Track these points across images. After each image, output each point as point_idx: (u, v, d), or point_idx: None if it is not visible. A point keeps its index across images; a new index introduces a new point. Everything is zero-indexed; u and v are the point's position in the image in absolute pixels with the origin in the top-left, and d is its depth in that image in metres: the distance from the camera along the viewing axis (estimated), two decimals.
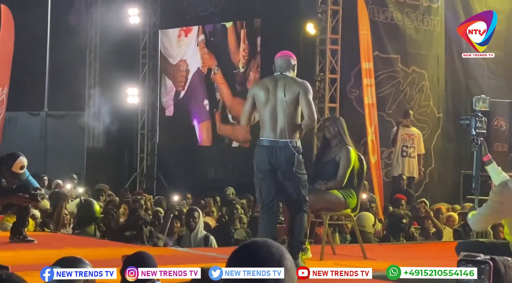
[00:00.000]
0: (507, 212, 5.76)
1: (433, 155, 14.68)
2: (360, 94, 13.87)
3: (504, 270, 2.56)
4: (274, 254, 2.18)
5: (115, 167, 17.27)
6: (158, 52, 17.41)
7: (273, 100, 6.89)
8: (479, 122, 6.94)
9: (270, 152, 6.83)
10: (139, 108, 17.25)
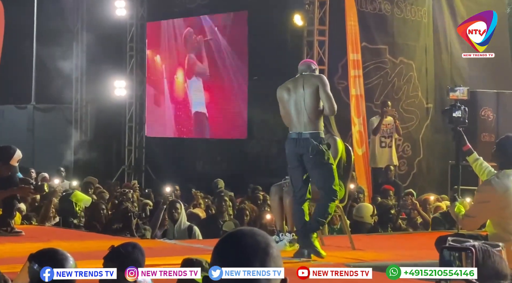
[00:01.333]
0: (493, 209, 5.77)
1: (421, 146, 14.71)
2: (348, 85, 13.87)
3: (482, 260, 2.55)
4: (260, 242, 2.18)
5: (103, 159, 17.23)
6: (145, 45, 17.36)
7: (295, 96, 7.30)
8: (459, 112, 6.95)
9: (296, 144, 7.14)
10: (127, 101, 17.20)
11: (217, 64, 16.53)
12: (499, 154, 5.93)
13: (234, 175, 14.58)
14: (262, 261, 2.16)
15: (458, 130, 6.70)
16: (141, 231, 9.21)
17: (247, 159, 15.50)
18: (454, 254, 2.14)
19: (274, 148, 15.29)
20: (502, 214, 5.78)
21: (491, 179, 5.85)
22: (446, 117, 7.09)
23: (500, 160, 5.92)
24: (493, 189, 5.75)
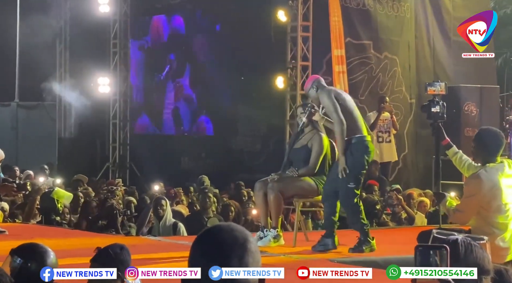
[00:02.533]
0: (480, 202, 5.79)
1: (406, 141, 14.75)
2: (332, 81, 13.88)
3: (464, 254, 2.55)
4: (238, 237, 2.17)
5: (87, 157, 17.17)
6: (129, 41, 17.29)
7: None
8: (438, 107, 6.97)
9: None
10: (111, 97, 17.13)
11: (201, 60, 16.50)
12: (480, 149, 5.93)
13: (219, 171, 14.57)
14: (240, 256, 2.16)
15: (437, 125, 6.72)
16: (126, 228, 9.20)
17: (232, 155, 15.50)
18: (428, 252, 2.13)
19: (258, 144, 15.30)
20: (488, 208, 5.81)
21: (480, 172, 5.85)
22: (425, 113, 7.10)
23: (482, 154, 5.92)
24: (481, 182, 5.77)
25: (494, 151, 5.84)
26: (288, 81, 13.89)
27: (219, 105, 16.27)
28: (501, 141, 5.92)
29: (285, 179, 7.77)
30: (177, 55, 17.06)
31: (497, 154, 5.86)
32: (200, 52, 16.56)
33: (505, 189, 5.81)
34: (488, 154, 5.86)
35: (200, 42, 16.71)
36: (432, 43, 15.05)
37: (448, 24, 15.22)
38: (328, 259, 6.94)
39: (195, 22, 16.64)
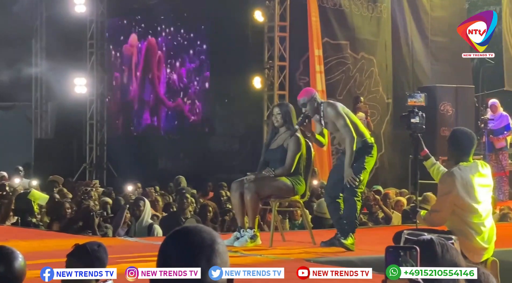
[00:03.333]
0: (455, 199, 5.81)
1: (383, 141, 14.80)
2: (310, 81, 13.91)
3: (441, 253, 2.56)
4: (206, 238, 2.16)
5: (64, 157, 17.07)
6: (105, 42, 17.22)
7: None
8: (417, 118, 7.01)
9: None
10: (88, 98, 17.05)
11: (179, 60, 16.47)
12: (453, 149, 5.99)
13: (196, 172, 14.53)
14: (208, 257, 2.15)
15: (416, 136, 6.76)
16: (102, 230, 9.15)
17: (209, 156, 15.47)
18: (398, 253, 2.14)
19: (235, 144, 15.30)
20: (463, 207, 5.83)
21: (453, 170, 5.89)
22: (404, 123, 7.15)
23: (455, 154, 5.97)
24: (455, 179, 5.80)
25: (466, 150, 5.89)
26: (265, 81, 13.91)
27: (197, 105, 16.24)
28: (472, 141, 5.97)
29: (261, 179, 7.76)
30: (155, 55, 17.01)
31: (469, 153, 5.90)
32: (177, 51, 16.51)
33: (478, 187, 5.85)
34: (461, 153, 5.90)
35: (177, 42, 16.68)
36: (410, 43, 15.12)
37: (426, 24, 15.31)
38: (304, 259, 6.94)
39: (172, 22, 16.60)
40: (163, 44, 16.87)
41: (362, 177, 7.55)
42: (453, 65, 15.49)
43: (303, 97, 7.69)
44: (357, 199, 7.58)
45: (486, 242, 5.85)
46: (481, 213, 5.85)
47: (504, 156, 13.90)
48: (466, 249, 5.60)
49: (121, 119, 17.50)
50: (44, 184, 12.90)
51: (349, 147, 7.51)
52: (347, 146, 7.51)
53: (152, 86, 17.06)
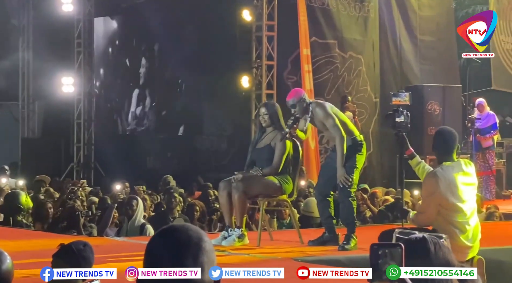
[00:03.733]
0: (439, 200, 5.84)
1: (371, 140, 14.82)
2: (298, 80, 13.92)
3: (434, 250, 2.58)
4: (192, 237, 2.17)
5: (52, 157, 17.01)
6: (93, 41, 17.16)
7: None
8: (402, 117, 7.04)
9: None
10: (75, 97, 16.99)
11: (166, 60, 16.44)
12: (435, 148, 6.03)
13: (184, 171, 14.52)
14: (195, 255, 2.15)
15: (401, 135, 6.80)
16: (88, 229, 9.12)
17: (197, 155, 15.46)
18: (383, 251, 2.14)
19: (223, 144, 15.29)
20: (447, 206, 5.86)
21: (436, 171, 5.94)
22: (389, 122, 7.18)
23: (438, 154, 6.02)
24: (438, 179, 5.83)
25: (448, 150, 5.94)
26: (253, 80, 13.91)
27: (185, 104, 16.23)
28: (454, 140, 6.00)
29: (249, 178, 7.76)
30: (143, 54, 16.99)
31: (451, 152, 5.93)
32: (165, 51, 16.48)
33: (462, 186, 5.87)
34: (443, 152, 5.95)
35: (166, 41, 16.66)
36: (398, 42, 15.16)
37: (414, 23, 15.35)
38: (292, 258, 6.95)
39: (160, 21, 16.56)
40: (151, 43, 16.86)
41: (354, 176, 7.59)
42: (441, 64, 15.54)
43: (292, 98, 7.69)
44: (352, 199, 7.60)
45: (471, 240, 5.88)
46: (466, 211, 5.87)
47: (490, 155, 13.95)
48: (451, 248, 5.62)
49: (108, 119, 17.46)
50: (31, 184, 12.86)
51: (339, 146, 7.52)
52: (338, 145, 7.52)
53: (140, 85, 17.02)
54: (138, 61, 17.35)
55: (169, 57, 16.36)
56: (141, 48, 17.26)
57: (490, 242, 7.22)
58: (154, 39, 16.68)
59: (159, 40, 16.58)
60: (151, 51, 16.94)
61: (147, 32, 16.76)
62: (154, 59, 16.81)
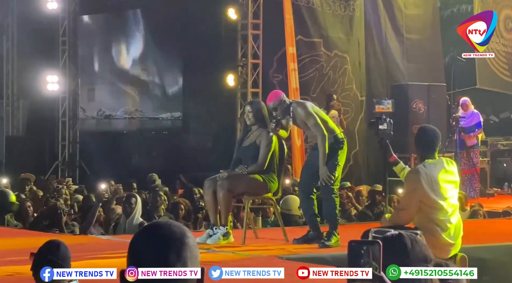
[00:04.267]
0: (420, 197, 5.86)
1: (357, 138, 14.85)
2: (283, 79, 13.93)
3: (411, 245, 2.59)
4: (176, 232, 2.18)
5: (36, 155, 16.94)
6: (78, 39, 17.10)
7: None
8: (385, 124, 7.10)
9: None
10: (60, 95, 16.93)
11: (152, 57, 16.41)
12: (418, 147, 6.07)
13: (170, 169, 14.49)
14: (178, 251, 2.16)
15: (384, 142, 6.86)
16: (70, 228, 9.08)
17: (183, 153, 15.44)
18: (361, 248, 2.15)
19: (209, 142, 15.28)
20: (429, 204, 5.88)
21: (418, 167, 5.97)
22: (372, 130, 7.25)
23: (420, 152, 6.05)
24: (420, 176, 5.86)
25: (431, 148, 5.97)
26: (239, 79, 13.90)
27: (170, 103, 16.21)
28: (437, 138, 6.04)
29: (234, 177, 7.77)
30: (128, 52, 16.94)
31: (434, 151, 5.97)
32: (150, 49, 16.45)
33: (444, 184, 5.90)
34: (426, 150, 5.98)
35: (151, 40, 16.63)
36: (384, 41, 15.19)
37: (400, 21, 15.39)
38: (276, 256, 6.96)
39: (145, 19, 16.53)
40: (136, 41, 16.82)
41: (337, 174, 7.63)
42: (427, 63, 15.60)
43: (273, 102, 7.76)
44: (335, 196, 7.64)
45: (453, 238, 5.91)
46: (447, 209, 5.90)
47: (475, 154, 14.02)
48: (432, 245, 5.63)
49: (93, 117, 17.40)
50: (15, 182, 12.80)
51: (321, 145, 7.57)
52: (320, 144, 7.57)
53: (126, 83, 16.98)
54: (123, 59, 17.30)
55: (154, 55, 16.32)
56: (126, 46, 17.21)
57: (473, 240, 7.26)
58: (139, 36, 16.63)
59: (144, 38, 16.53)
60: (136, 49, 16.90)
61: (132, 30, 16.72)
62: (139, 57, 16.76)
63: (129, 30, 16.86)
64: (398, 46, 15.33)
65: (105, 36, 17.20)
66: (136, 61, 16.95)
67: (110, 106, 17.50)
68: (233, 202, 8.02)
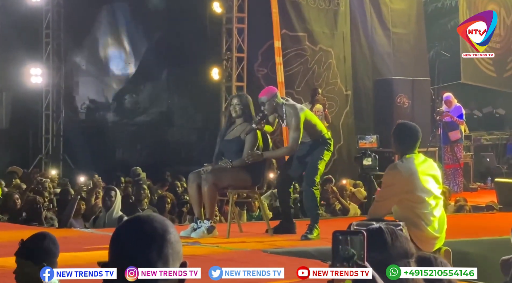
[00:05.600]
0: (399, 192, 5.88)
1: (341, 132, 14.87)
2: (268, 72, 13.92)
3: (391, 240, 2.59)
4: (157, 228, 2.14)
5: (20, 148, 16.85)
6: (61, 31, 17.01)
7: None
8: (369, 159, 7.16)
9: None
10: (43, 88, 16.84)
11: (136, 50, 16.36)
12: (397, 143, 6.07)
13: (154, 163, 14.48)
14: (159, 247, 2.13)
15: (368, 177, 6.93)
16: (49, 221, 9.04)
17: (167, 147, 15.42)
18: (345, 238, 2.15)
19: (193, 136, 15.26)
20: (412, 198, 5.90)
21: (396, 163, 5.99)
22: (357, 165, 7.33)
23: (400, 148, 6.05)
24: (398, 173, 5.87)
25: (411, 145, 5.98)
26: (224, 72, 13.88)
27: (155, 96, 16.17)
28: (417, 135, 6.04)
29: (219, 170, 7.76)
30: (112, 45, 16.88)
31: (414, 147, 5.98)
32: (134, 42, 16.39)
33: (424, 177, 5.91)
34: (405, 147, 5.98)
35: (135, 32, 16.57)
36: (371, 35, 15.20)
37: (386, 16, 15.41)
38: (261, 250, 6.97)
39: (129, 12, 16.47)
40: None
41: (320, 167, 7.68)
42: (412, 57, 15.64)
43: (263, 96, 7.85)
44: (315, 189, 7.69)
45: (437, 231, 5.93)
46: (430, 202, 5.92)
47: (459, 148, 14.08)
48: (417, 239, 5.68)
49: (77, 110, 17.33)
50: (1, 175, 12.74)
51: (288, 149, 7.89)
52: (283, 149, 7.93)
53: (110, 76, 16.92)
54: (107, 52, 17.23)
55: (138, 48, 16.26)
56: (111, 39, 17.14)
57: (457, 233, 7.30)
58: (123, 29, 16.57)
59: (128, 31, 16.47)
60: (121, 42, 16.83)
61: (116, 22, 16.65)
62: (123, 50, 16.70)
63: (113, 23, 16.79)
64: (385, 40, 15.36)
65: (89, 29, 17.12)
66: (120, 54, 16.88)
67: (94, 100, 17.44)
68: (217, 196, 8.03)
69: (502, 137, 16.16)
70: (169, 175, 13.16)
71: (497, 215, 10.17)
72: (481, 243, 7.56)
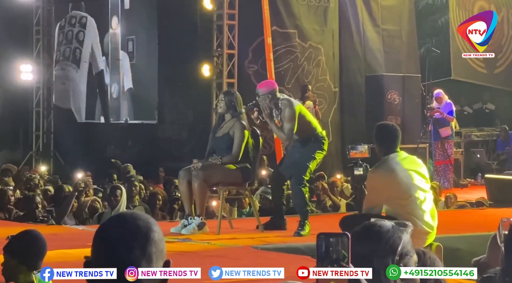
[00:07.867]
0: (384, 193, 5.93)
1: (330, 129, 14.87)
2: (259, 69, 13.93)
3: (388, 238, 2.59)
4: (141, 226, 2.13)
5: (10, 145, 16.82)
6: (52, 28, 16.98)
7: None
8: (361, 169, 7.22)
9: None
10: (34, 85, 16.81)
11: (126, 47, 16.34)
12: (378, 144, 6.12)
13: (145, 160, 14.47)
14: (143, 245, 2.11)
15: (359, 187, 6.98)
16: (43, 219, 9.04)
17: (158, 144, 15.41)
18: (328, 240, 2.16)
19: (184, 132, 15.25)
20: (396, 195, 5.93)
21: (377, 165, 6.06)
22: (349, 174, 7.41)
23: (382, 149, 6.09)
24: (377, 174, 5.94)
25: (391, 144, 6.03)
26: (214, 69, 13.88)
27: (145, 93, 16.15)
28: (395, 134, 6.10)
29: (209, 167, 7.78)
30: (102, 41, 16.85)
31: (394, 146, 6.04)
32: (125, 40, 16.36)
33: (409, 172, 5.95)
34: (387, 147, 6.02)
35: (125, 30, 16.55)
36: (362, 31, 15.20)
37: (376, 12, 15.43)
38: (252, 246, 6.98)
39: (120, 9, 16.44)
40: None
41: (310, 165, 7.71)
42: (402, 54, 15.66)
43: (260, 89, 7.95)
44: (303, 187, 7.72)
45: (428, 225, 5.97)
46: (418, 197, 5.95)
47: (449, 144, 14.11)
48: None
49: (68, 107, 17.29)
50: None
51: (280, 136, 7.94)
52: (280, 135, 7.90)
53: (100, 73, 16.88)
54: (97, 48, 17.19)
55: (129, 45, 16.24)
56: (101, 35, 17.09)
57: (448, 229, 7.34)
58: (115, 26, 16.53)
59: (120, 28, 16.43)
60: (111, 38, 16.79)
61: (107, 19, 16.62)
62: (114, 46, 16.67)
63: (103, 19, 16.76)
64: (376, 36, 15.37)
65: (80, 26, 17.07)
66: (112, 50, 16.85)
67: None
68: (207, 192, 8.04)
69: (493, 134, 16.21)
70: (162, 171, 13.19)
71: (487, 211, 10.22)
72: (472, 238, 7.60)
